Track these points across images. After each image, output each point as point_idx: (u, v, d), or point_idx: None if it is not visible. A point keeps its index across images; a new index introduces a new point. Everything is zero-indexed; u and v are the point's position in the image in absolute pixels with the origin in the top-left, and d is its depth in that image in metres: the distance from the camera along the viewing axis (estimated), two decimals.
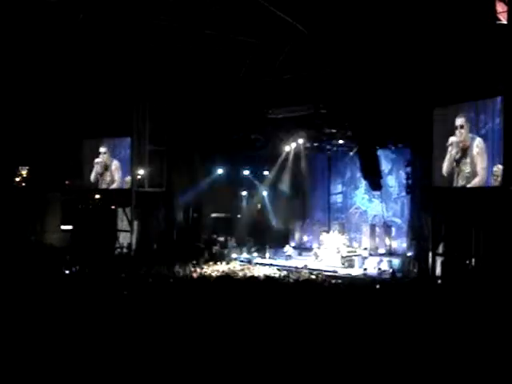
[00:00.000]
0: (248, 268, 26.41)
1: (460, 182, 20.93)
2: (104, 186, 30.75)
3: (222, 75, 26.80)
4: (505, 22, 18.69)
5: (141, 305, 13.34)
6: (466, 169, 20.64)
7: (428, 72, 21.55)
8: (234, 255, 29.92)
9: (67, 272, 22.49)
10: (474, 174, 20.38)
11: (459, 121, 20.80)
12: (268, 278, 22.44)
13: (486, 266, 20.12)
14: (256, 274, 24.09)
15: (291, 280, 22.57)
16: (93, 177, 30.93)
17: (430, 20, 20.53)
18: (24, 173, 31.65)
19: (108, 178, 30.58)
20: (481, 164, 20.10)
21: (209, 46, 25.25)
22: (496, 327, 11.93)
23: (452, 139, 21.04)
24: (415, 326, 11.86)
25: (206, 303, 13.47)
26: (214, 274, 23.71)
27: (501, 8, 18.78)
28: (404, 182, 26.14)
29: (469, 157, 20.52)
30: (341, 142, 28.45)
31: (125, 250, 29.66)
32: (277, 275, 24.16)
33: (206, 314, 12.06)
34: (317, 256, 28.33)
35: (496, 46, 19.00)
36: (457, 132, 20.89)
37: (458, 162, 20.95)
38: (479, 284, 19.57)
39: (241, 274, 24.43)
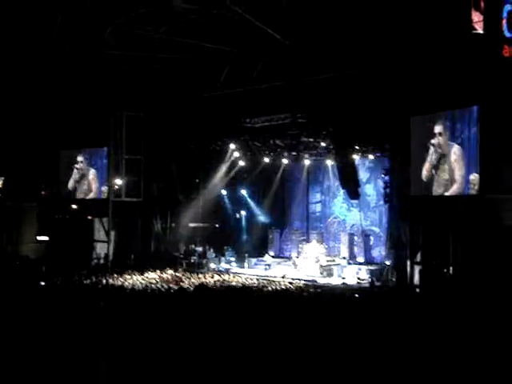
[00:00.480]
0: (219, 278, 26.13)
1: (438, 190, 20.98)
2: (81, 196, 30.49)
3: (199, 84, 26.72)
4: (481, 31, 18.82)
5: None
6: (444, 175, 20.69)
7: (405, 81, 21.63)
8: (212, 265, 29.78)
9: (42, 283, 22.20)
10: (451, 181, 20.45)
11: (438, 128, 20.87)
12: (244, 288, 22.24)
13: (463, 273, 20.19)
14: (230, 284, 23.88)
15: (269, 289, 22.44)
16: (70, 184, 30.63)
17: (407, 29, 20.64)
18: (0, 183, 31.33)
19: (85, 187, 30.32)
20: (458, 171, 20.17)
21: (186, 55, 25.16)
22: (474, 334, 11.94)
23: (431, 144, 21.08)
24: (394, 335, 11.83)
25: (184, 314, 13.34)
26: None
27: (476, 18, 18.90)
28: (382, 190, 26.20)
29: (447, 163, 20.58)
30: (319, 151, 28.49)
31: (102, 261, 29.41)
32: (254, 284, 24.07)
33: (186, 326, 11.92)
34: (295, 265, 28.28)
35: (472, 56, 19.13)
36: (435, 139, 20.95)
37: (436, 167, 20.99)
38: (457, 292, 19.63)
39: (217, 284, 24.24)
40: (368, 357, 10.11)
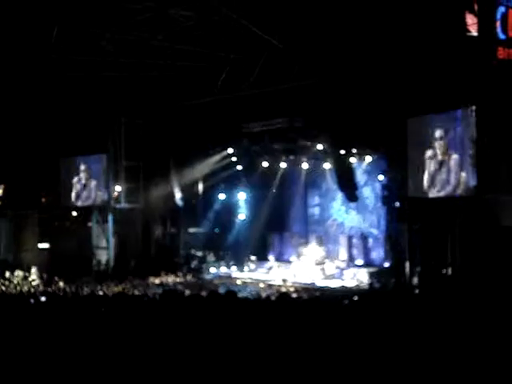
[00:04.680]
0: None
1: (435, 191, 21.12)
2: (81, 203, 30.59)
3: (196, 90, 26.87)
4: (475, 33, 18.99)
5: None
6: (442, 177, 20.83)
7: (401, 83, 21.78)
8: (212, 269, 29.90)
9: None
10: (448, 181, 20.59)
11: (437, 133, 20.99)
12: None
13: (462, 274, 20.32)
14: None
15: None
16: (73, 195, 30.70)
17: (402, 31, 20.80)
18: (0, 191, 31.42)
19: (85, 194, 30.44)
20: (455, 174, 20.34)
21: (184, 62, 25.32)
22: (473, 334, 12.01)
23: (429, 153, 21.23)
24: (393, 337, 11.90)
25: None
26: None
27: (470, 20, 19.07)
28: (380, 193, 26.32)
29: (446, 166, 20.72)
30: (316, 154, 28.63)
31: (102, 267, 29.52)
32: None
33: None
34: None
35: (467, 58, 19.30)
36: (436, 143, 21.04)
37: (434, 173, 21.15)
38: (456, 292, 19.74)
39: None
40: (366, 359, 10.18)
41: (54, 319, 12.93)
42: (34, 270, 27.94)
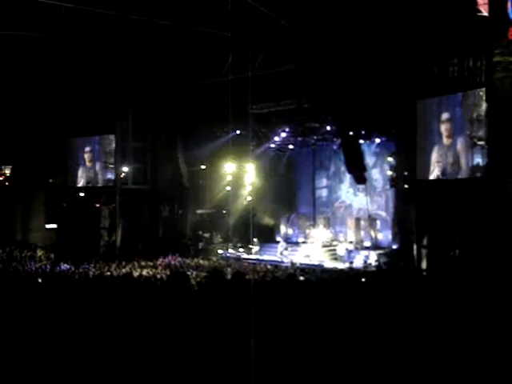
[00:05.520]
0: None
1: (442, 174, 21.03)
2: (88, 184, 30.60)
3: (204, 71, 26.75)
4: (486, 13, 18.82)
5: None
6: (449, 159, 20.77)
7: (411, 64, 21.63)
8: (219, 251, 29.92)
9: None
10: (454, 163, 20.52)
11: (445, 115, 20.86)
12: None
13: (469, 256, 20.24)
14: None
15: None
16: (79, 176, 30.71)
17: (412, 12, 20.64)
18: (7, 172, 31.51)
19: (92, 175, 30.45)
20: (464, 159, 20.27)
21: (192, 42, 25.17)
22: (479, 317, 11.98)
23: (436, 136, 21.14)
24: (400, 318, 11.89)
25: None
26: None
27: (481, 0, 18.90)
28: (388, 175, 26.21)
29: (452, 149, 20.63)
30: (325, 136, 28.49)
31: (109, 248, 29.55)
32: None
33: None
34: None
35: (478, 38, 19.15)
36: (443, 126, 20.93)
37: (441, 155, 21.06)
38: (463, 274, 19.69)
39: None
40: (373, 341, 10.17)
41: (62, 299, 12.96)
42: (41, 250, 28.03)
